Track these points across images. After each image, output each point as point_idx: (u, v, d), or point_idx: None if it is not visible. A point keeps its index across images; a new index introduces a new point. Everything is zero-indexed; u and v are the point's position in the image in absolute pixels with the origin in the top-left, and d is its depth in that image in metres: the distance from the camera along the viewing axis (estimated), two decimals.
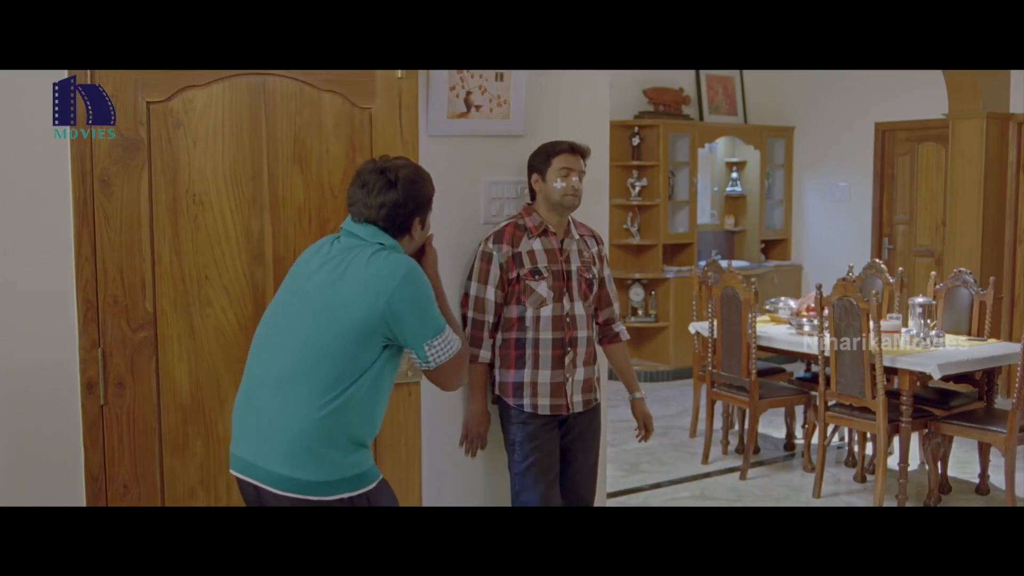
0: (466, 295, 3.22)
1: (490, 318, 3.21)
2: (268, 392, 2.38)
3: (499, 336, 3.25)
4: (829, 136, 8.85)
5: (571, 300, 3.24)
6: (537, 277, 3.20)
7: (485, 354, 3.23)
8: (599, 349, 3.43)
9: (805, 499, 5.27)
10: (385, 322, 2.35)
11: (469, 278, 3.22)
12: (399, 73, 2.98)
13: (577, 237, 3.29)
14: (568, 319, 3.23)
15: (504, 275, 3.19)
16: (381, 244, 2.44)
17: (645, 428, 3.54)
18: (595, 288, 3.33)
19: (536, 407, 3.22)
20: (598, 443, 3.42)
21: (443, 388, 2.56)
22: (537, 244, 3.22)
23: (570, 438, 3.32)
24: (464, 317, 3.21)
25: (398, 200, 2.45)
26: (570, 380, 3.25)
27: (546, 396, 3.23)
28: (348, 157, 2.95)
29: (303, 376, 2.34)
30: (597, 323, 3.40)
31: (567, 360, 3.23)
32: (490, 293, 3.20)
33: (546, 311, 3.20)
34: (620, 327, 3.46)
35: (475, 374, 3.23)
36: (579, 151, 3.21)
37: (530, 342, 3.21)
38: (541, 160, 3.21)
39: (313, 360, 2.34)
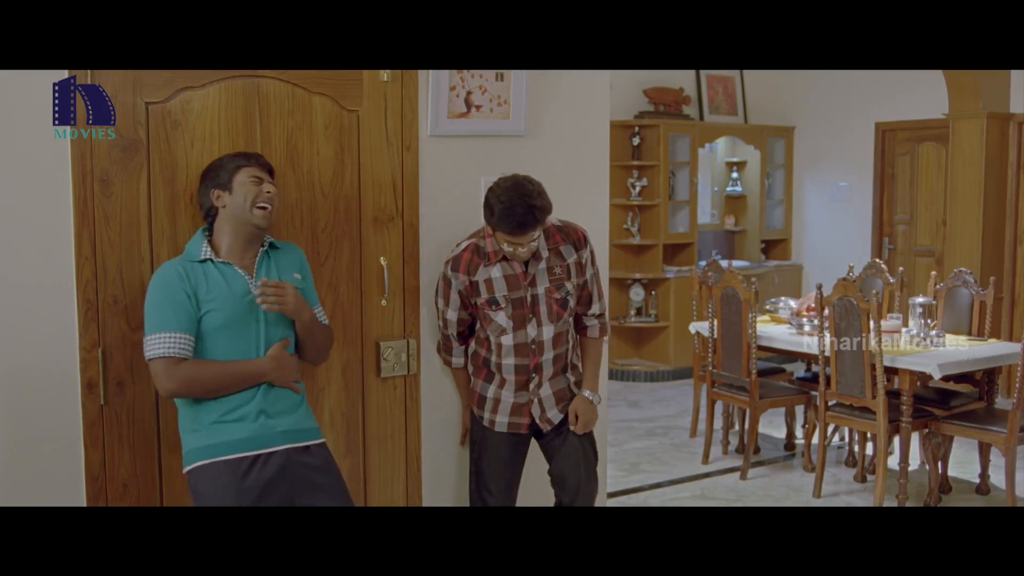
0: (436, 307, 3.17)
1: (454, 331, 3.15)
2: None
3: (472, 345, 3.20)
4: (829, 136, 8.85)
5: (538, 325, 3.09)
6: (495, 307, 3.07)
7: (458, 360, 3.21)
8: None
9: (805, 499, 5.27)
10: None
11: (436, 294, 3.14)
12: (384, 76, 3.00)
13: (546, 255, 3.07)
14: (534, 346, 3.10)
15: (464, 300, 3.10)
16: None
17: (576, 420, 3.18)
18: (570, 303, 3.13)
19: (493, 423, 3.17)
20: (590, 446, 3.26)
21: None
22: (496, 271, 3.04)
23: (554, 448, 3.22)
24: (437, 325, 3.20)
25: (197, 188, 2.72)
26: (535, 400, 3.15)
27: (505, 414, 3.15)
28: (337, 158, 2.97)
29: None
30: (576, 316, 3.23)
31: (532, 385, 3.14)
32: (452, 314, 3.11)
33: (507, 339, 3.09)
34: (592, 322, 3.24)
35: (456, 377, 3.26)
36: (528, 227, 2.90)
37: (494, 364, 3.14)
38: (490, 225, 2.99)
39: None
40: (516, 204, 2.87)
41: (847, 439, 5.99)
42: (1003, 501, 5.01)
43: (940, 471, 5.16)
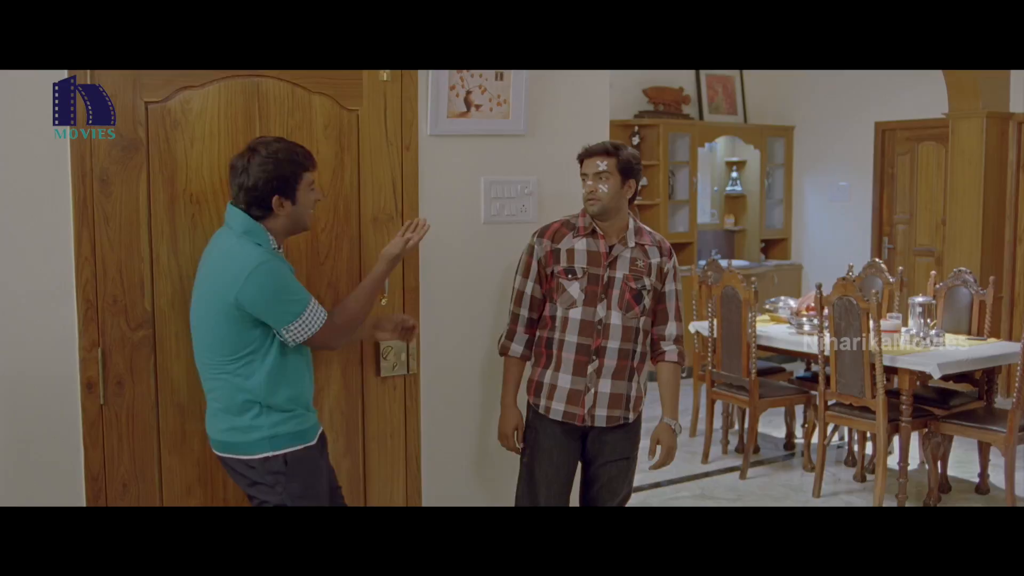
0: (512, 288, 3.19)
1: (525, 312, 3.15)
2: (204, 378, 2.67)
3: (538, 333, 3.18)
4: (829, 136, 8.85)
5: (608, 308, 3.08)
6: (571, 276, 3.09)
7: (516, 348, 3.17)
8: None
9: (805, 498, 5.27)
10: (245, 312, 2.53)
11: (516, 272, 3.20)
12: (384, 75, 3.00)
13: (633, 244, 3.12)
14: (600, 326, 3.08)
15: (542, 269, 3.13)
16: (237, 229, 2.58)
17: (658, 451, 3.20)
18: (645, 301, 3.12)
19: (549, 410, 3.12)
20: (628, 468, 3.21)
21: (325, 348, 2.77)
22: (581, 244, 3.10)
23: (591, 454, 3.18)
24: (509, 310, 3.20)
25: (249, 184, 2.55)
26: (591, 391, 3.09)
27: (561, 401, 3.10)
28: (337, 158, 2.97)
29: (211, 361, 2.61)
30: (653, 339, 3.21)
31: (590, 368, 3.09)
32: (528, 287, 3.14)
33: (575, 313, 3.08)
34: (669, 347, 3.19)
35: (506, 368, 3.20)
36: (594, 153, 3.08)
37: (556, 342, 3.11)
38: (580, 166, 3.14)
39: (213, 347, 2.60)
40: (602, 141, 3.15)
41: (847, 439, 6.00)
42: (1003, 501, 5.01)
43: (940, 471, 5.16)
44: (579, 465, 3.23)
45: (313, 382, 2.77)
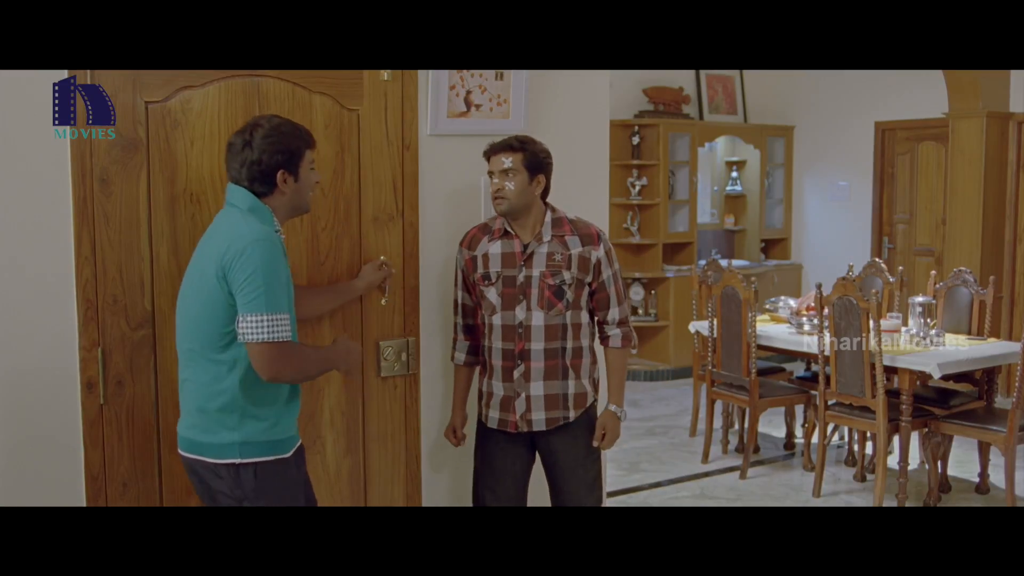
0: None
1: (460, 320, 3.17)
2: (181, 366, 2.55)
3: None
4: (829, 135, 8.85)
5: (527, 309, 3.02)
6: (487, 282, 3.06)
7: (459, 356, 3.20)
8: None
9: (805, 498, 5.28)
10: (228, 288, 2.38)
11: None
12: (385, 75, 3.00)
13: (548, 238, 3.04)
14: (520, 330, 3.03)
15: (466, 278, 3.13)
16: (241, 206, 2.47)
17: (603, 436, 3.14)
18: (568, 295, 3.03)
19: (487, 418, 3.13)
20: (584, 467, 3.13)
21: (258, 371, 2.41)
22: (495, 247, 3.06)
23: (544, 459, 3.15)
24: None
25: (253, 159, 2.46)
26: (521, 395, 3.05)
27: (496, 408, 3.09)
28: (337, 157, 2.97)
29: (191, 346, 2.48)
30: (598, 324, 3.18)
31: (516, 373, 3.04)
32: (459, 296, 3.16)
33: (496, 319, 3.05)
34: (613, 331, 3.15)
35: (455, 375, 3.24)
36: (498, 149, 2.99)
37: (485, 349, 3.11)
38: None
39: (193, 330, 2.47)
40: (508, 137, 3.06)
41: (847, 438, 6.00)
42: (1003, 500, 5.01)
43: (940, 470, 5.16)
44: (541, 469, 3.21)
45: (299, 391, 2.61)
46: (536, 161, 3.02)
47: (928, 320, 5.29)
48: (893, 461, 5.18)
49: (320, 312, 2.93)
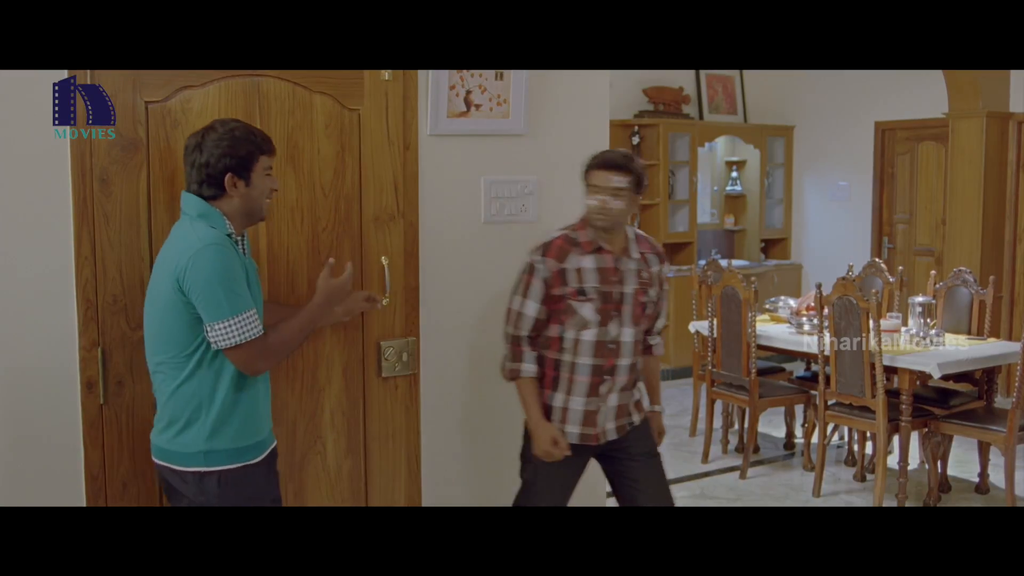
0: (508, 309, 3.06)
1: (524, 332, 3.03)
2: (152, 379, 2.55)
3: (542, 353, 3.06)
4: (829, 135, 8.85)
5: (620, 325, 3.02)
6: (582, 298, 2.98)
7: (528, 367, 3.04)
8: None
9: (805, 498, 5.28)
10: (188, 302, 2.40)
11: (513, 292, 3.07)
12: (386, 75, 3.00)
13: (637, 256, 3.08)
14: (612, 345, 3.02)
15: (547, 291, 3.00)
16: (191, 213, 2.48)
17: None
18: (649, 311, 3.11)
19: (564, 434, 3.05)
20: (657, 458, 3.21)
21: (242, 370, 2.48)
22: (588, 261, 3.00)
23: (615, 469, 3.17)
24: (505, 332, 3.09)
25: (202, 161, 2.46)
26: (602, 408, 3.06)
27: (576, 424, 3.05)
28: (338, 157, 2.97)
29: (160, 359, 2.49)
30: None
31: (603, 389, 3.04)
32: (530, 308, 3.00)
33: (588, 335, 2.99)
34: (657, 339, 3.23)
35: (523, 389, 3.06)
36: (610, 167, 2.98)
37: (566, 365, 3.02)
38: (585, 173, 3.04)
39: (160, 343, 2.48)
40: (614, 152, 3.07)
41: (847, 438, 6.00)
42: (1002, 500, 5.01)
43: (940, 470, 5.16)
44: (608, 482, 3.24)
45: (269, 395, 2.63)
46: (640, 183, 3.03)
47: (928, 320, 5.29)
48: (893, 461, 5.18)
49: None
